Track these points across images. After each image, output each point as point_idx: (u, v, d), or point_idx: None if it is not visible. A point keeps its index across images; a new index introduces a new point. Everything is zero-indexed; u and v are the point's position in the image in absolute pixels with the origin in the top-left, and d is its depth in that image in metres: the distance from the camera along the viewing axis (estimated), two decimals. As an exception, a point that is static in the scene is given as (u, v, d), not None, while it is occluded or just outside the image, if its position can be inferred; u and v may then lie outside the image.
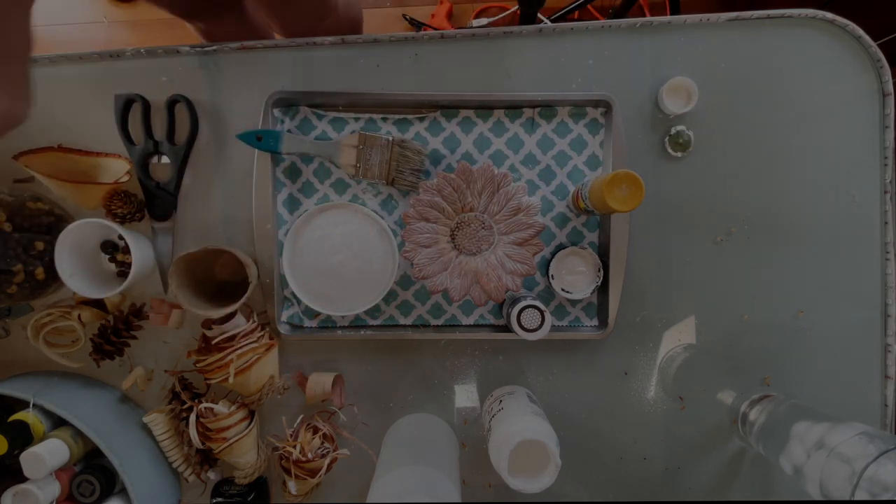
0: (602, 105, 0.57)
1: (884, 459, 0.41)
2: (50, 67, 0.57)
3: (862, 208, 0.58)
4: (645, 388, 0.60)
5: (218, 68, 0.57)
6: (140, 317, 0.59)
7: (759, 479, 0.60)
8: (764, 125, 0.57)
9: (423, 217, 0.53)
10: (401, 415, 0.61)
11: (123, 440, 0.57)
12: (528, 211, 0.55)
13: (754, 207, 0.58)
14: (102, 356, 0.58)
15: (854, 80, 0.57)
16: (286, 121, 0.57)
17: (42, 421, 0.56)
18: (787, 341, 0.59)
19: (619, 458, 0.61)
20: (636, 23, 0.56)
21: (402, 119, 0.57)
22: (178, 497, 0.61)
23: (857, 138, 0.57)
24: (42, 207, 0.55)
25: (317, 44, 0.57)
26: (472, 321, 0.60)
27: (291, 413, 0.60)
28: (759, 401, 0.56)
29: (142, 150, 0.57)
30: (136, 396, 0.61)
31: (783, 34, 0.56)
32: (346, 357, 0.60)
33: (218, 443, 0.55)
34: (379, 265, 0.56)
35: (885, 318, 0.58)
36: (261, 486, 0.60)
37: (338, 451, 0.58)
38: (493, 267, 0.55)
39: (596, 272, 0.57)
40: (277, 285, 0.57)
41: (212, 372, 0.53)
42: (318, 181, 0.58)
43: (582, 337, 0.59)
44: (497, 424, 0.51)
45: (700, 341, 0.59)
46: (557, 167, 0.58)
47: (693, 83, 0.55)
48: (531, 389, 0.60)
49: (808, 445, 0.48)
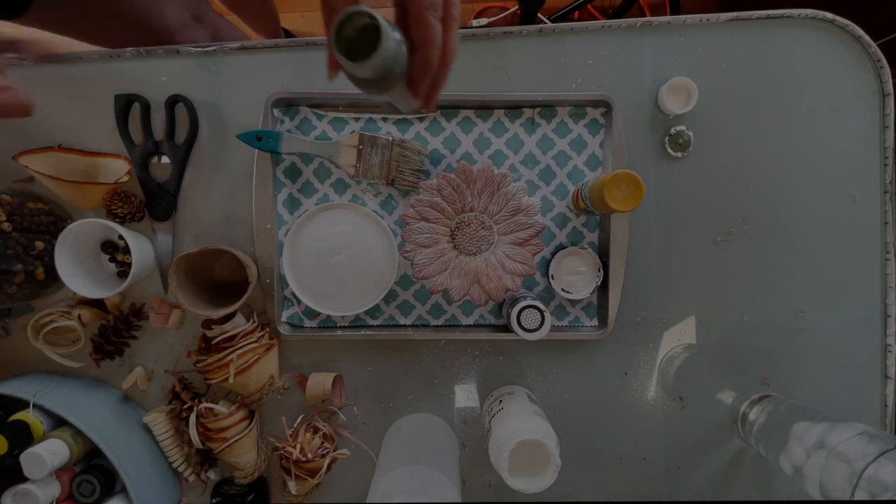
0: (602, 105, 0.57)
1: (884, 459, 0.41)
2: (50, 67, 0.57)
3: (862, 208, 0.58)
4: (645, 388, 0.60)
5: (218, 68, 0.57)
6: (140, 317, 0.59)
7: (759, 479, 0.60)
8: (764, 125, 0.57)
9: (423, 217, 0.53)
10: (401, 415, 0.61)
11: (123, 440, 0.56)
12: (527, 211, 0.55)
13: (754, 207, 0.58)
14: (102, 356, 0.59)
15: (854, 80, 0.57)
16: (286, 121, 0.57)
17: (42, 421, 0.56)
18: (787, 341, 0.59)
19: (619, 458, 0.61)
20: (636, 23, 0.56)
21: (402, 119, 0.57)
22: (178, 497, 0.61)
23: (857, 138, 0.57)
24: (42, 207, 0.55)
25: (317, 44, 0.57)
26: (472, 321, 0.60)
27: (291, 413, 0.60)
28: (759, 401, 0.56)
29: (142, 150, 0.57)
30: (136, 396, 0.61)
31: (783, 34, 0.56)
32: (346, 357, 0.60)
33: (218, 443, 0.55)
34: (379, 265, 0.56)
35: (885, 318, 0.58)
36: (261, 486, 0.60)
37: (338, 451, 0.58)
38: (493, 267, 0.55)
39: (596, 272, 0.57)
40: (277, 285, 0.57)
41: (212, 372, 0.53)
42: (318, 181, 0.58)
43: (582, 337, 0.59)
44: (497, 424, 0.51)
45: (700, 341, 0.59)
46: (557, 167, 0.58)
47: (693, 83, 0.55)
48: (531, 389, 0.60)
49: (808, 445, 0.48)
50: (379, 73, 0.31)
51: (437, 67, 0.34)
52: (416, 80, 0.34)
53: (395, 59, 0.31)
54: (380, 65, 0.30)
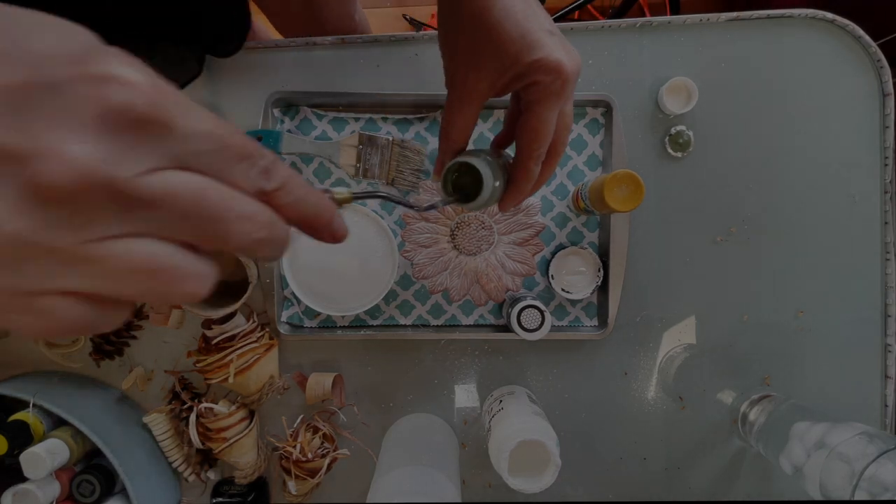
0: (602, 105, 0.57)
1: (884, 459, 0.41)
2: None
3: (862, 208, 0.57)
4: (645, 388, 0.60)
5: (218, 68, 0.57)
6: (140, 317, 0.59)
7: (759, 479, 0.60)
8: (764, 125, 0.57)
9: (423, 217, 0.54)
10: (401, 415, 0.61)
11: (123, 440, 0.56)
12: (528, 211, 0.55)
13: (754, 207, 0.58)
14: (102, 356, 0.59)
15: (854, 80, 0.57)
16: (286, 121, 0.57)
17: (42, 421, 0.56)
18: (787, 341, 0.59)
19: (619, 458, 0.61)
20: (636, 23, 0.56)
21: (402, 119, 0.57)
22: (178, 497, 0.61)
23: (857, 138, 0.57)
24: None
25: (317, 44, 0.57)
26: (472, 321, 0.60)
27: (291, 413, 0.60)
28: (759, 401, 0.56)
29: (142, 150, 0.56)
30: (136, 396, 0.61)
31: (783, 34, 0.56)
32: (346, 357, 0.60)
33: (218, 443, 0.55)
34: (379, 265, 0.56)
35: (885, 318, 0.58)
36: (261, 486, 0.60)
37: (338, 451, 0.58)
38: (493, 267, 0.55)
39: (596, 272, 0.57)
40: (277, 285, 0.57)
41: (212, 372, 0.53)
42: (318, 181, 0.58)
43: (582, 337, 0.59)
44: (497, 424, 0.51)
45: (700, 341, 0.59)
46: (557, 167, 0.58)
47: (693, 83, 0.55)
48: (531, 389, 0.60)
49: (808, 445, 0.48)
50: (476, 208, 0.37)
51: (526, 194, 0.38)
52: (505, 202, 0.38)
53: (491, 198, 0.36)
54: (479, 205, 0.36)
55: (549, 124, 0.35)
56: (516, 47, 0.33)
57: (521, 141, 0.36)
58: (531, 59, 0.33)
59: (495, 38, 0.33)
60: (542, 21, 0.34)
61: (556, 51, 0.33)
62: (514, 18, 0.33)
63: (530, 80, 0.34)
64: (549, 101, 0.34)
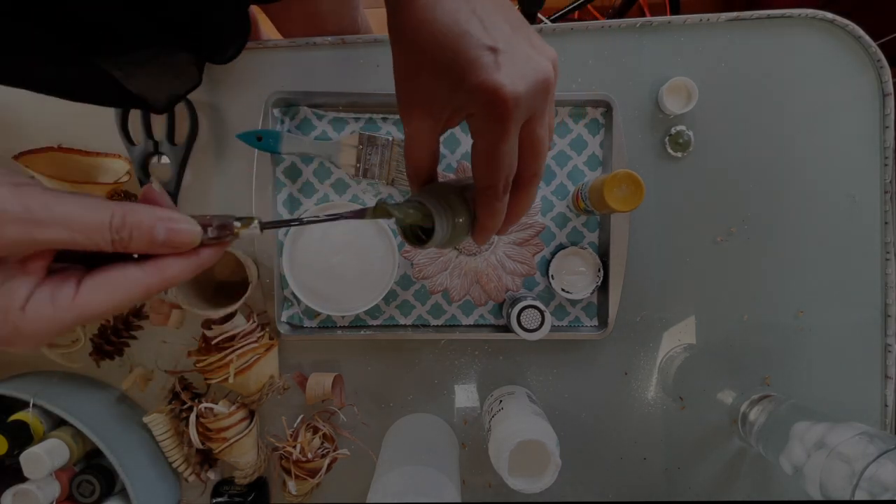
0: (602, 105, 0.57)
1: (884, 459, 0.41)
2: (50, 67, 0.57)
3: (862, 208, 0.57)
4: (645, 388, 0.60)
5: (218, 68, 0.57)
6: (140, 317, 0.59)
7: (759, 479, 0.60)
8: (764, 125, 0.57)
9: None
10: (401, 415, 0.61)
11: (123, 440, 0.56)
12: (527, 211, 0.55)
13: (754, 207, 0.58)
14: (102, 356, 0.58)
15: (854, 80, 0.57)
16: (286, 121, 0.57)
17: (42, 421, 0.56)
18: (787, 341, 0.59)
19: (619, 458, 0.61)
20: (636, 23, 0.56)
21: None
22: (178, 497, 0.61)
23: (857, 138, 0.57)
24: (42, 207, 0.55)
25: (317, 44, 0.57)
26: (472, 321, 0.60)
27: (291, 413, 0.60)
28: (759, 401, 0.56)
29: (142, 150, 0.57)
30: (136, 396, 0.61)
31: (783, 34, 0.56)
32: (346, 357, 0.60)
33: (218, 443, 0.55)
34: (379, 265, 0.56)
35: (885, 318, 0.58)
36: (261, 486, 0.60)
37: (338, 451, 0.58)
38: (493, 267, 0.55)
39: (596, 272, 0.57)
40: (277, 285, 0.57)
41: (212, 372, 0.53)
42: (318, 181, 0.58)
43: (582, 337, 0.59)
44: (497, 424, 0.51)
45: (700, 341, 0.59)
46: (557, 167, 0.58)
47: (693, 83, 0.55)
48: (531, 389, 0.60)
49: (808, 445, 0.48)
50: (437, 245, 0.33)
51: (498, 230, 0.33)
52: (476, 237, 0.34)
53: (452, 237, 0.33)
54: (437, 244, 0.33)
55: (498, 158, 0.29)
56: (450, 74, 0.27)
57: (474, 176, 0.31)
58: (464, 87, 0.27)
59: (426, 63, 0.28)
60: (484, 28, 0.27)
61: (492, 73, 0.26)
62: (444, 33, 0.27)
63: (466, 111, 0.29)
64: (489, 134, 0.28)
